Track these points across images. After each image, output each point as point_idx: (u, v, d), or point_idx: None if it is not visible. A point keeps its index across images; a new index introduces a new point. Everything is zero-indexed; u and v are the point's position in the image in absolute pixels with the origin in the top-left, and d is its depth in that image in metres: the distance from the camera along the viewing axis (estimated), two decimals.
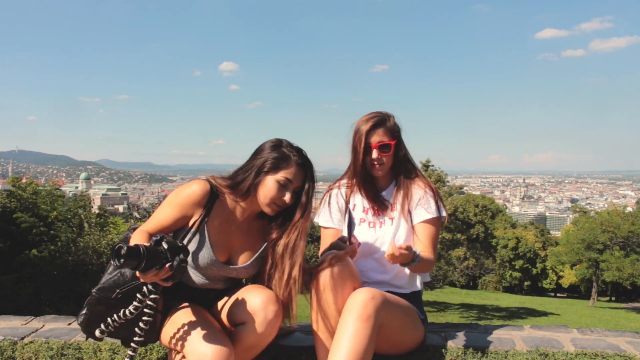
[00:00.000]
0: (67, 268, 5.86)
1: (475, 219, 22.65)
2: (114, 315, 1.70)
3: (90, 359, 2.13)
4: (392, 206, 2.22)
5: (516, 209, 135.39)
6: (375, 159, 2.14)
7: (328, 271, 1.87)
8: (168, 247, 1.59)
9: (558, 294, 37.55)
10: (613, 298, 34.33)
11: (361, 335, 1.73)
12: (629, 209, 28.44)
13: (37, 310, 4.97)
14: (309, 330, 2.25)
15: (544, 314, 17.48)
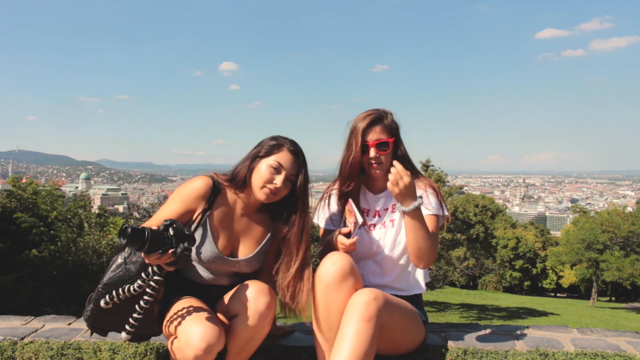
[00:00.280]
0: (67, 268, 5.87)
1: (475, 219, 22.65)
2: (119, 289, 1.74)
3: (90, 359, 2.13)
4: (393, 208, 2.16)
5: (516, 209, 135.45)
6: (373, 158, 2.05)
7: (329, 270, 1.87)
8: (174, 233, 1.63)
9: (558, 294, 37.56)
10: (613, 298, 34.35)
11: (363, 336, 1.73)
12: (629, 209, 28.47)
13: (37, 310, 4.97)
14: (309, 330, 2.25)
15: (544, 314, 17.49)
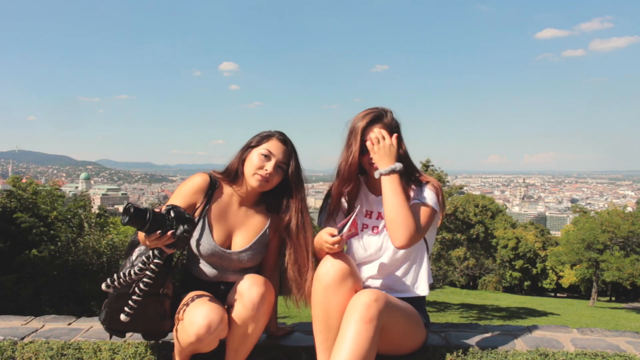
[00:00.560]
0: (67, 268, 5.85)
1: (475, 219, 22.63)
2: (120, 273, 1.79)
3: (91, 359, 2.13)
4: None
5: (516, 209, 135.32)
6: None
7: (329, 271, 1.86)
8: (175, 215, 1.70)
9: (558, 294, 37.55)
10: (613, 298, 34.33)
11: (364, 337, 1.72)
12: (629, 209, 28.43)
13: (37, 310, 4.96)
14: (309, 330, 2.25)
15: (544, 314, 17.48)
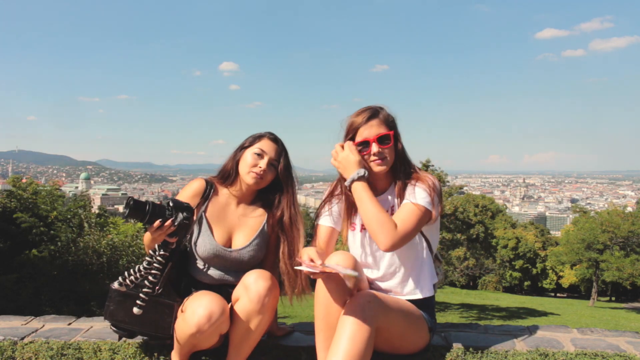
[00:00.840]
0: (67, 268, 5.86)
1: (475, 219, 22.55)
2: (130, 270, 1.88)
3: (91, 359, 2.12)
4: (392, 210, 2.06)
5: (516, 209, 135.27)
6: (376, 154, 1.97)
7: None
8: (174, 204, 1.81)
9: (558, 294, 37.54)
10: (613, 298, 34.33)
11: (358, 338, 1.73)
12: (629, 209, 28.41)
13: (37, 310, 4.96)
14: (309, 330, 2.25)
15: (544, 314, 17.47)
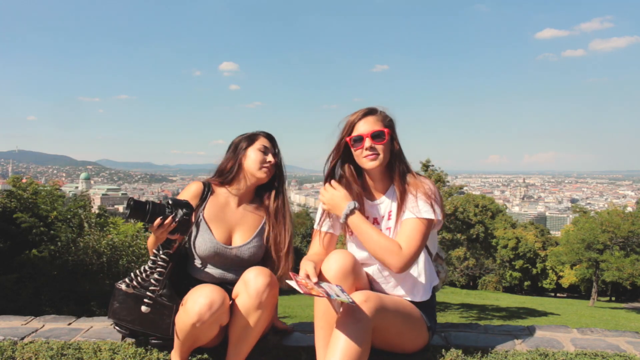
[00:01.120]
0: (67, 268, 5.85)
1: (475, 219, 22.52)
2: (135, 271, 1.92)
3: (91, 359, 2.12)
4: (389, 215, 2.04)
5: (516, 209, 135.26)
6: (368, 148, 1.93)
7: (331, 268, 1.87)
8: (173, 202, 1.88)
9: (558, 294, 37.56)
10: (613, 298, 34.34)
11: (356, 336, 1.73)
12: (629, 209, 28.40)
13: (37, 310, 4.96)
14: (309, 330, 2.26)
15: (544, 314, 17.47)
